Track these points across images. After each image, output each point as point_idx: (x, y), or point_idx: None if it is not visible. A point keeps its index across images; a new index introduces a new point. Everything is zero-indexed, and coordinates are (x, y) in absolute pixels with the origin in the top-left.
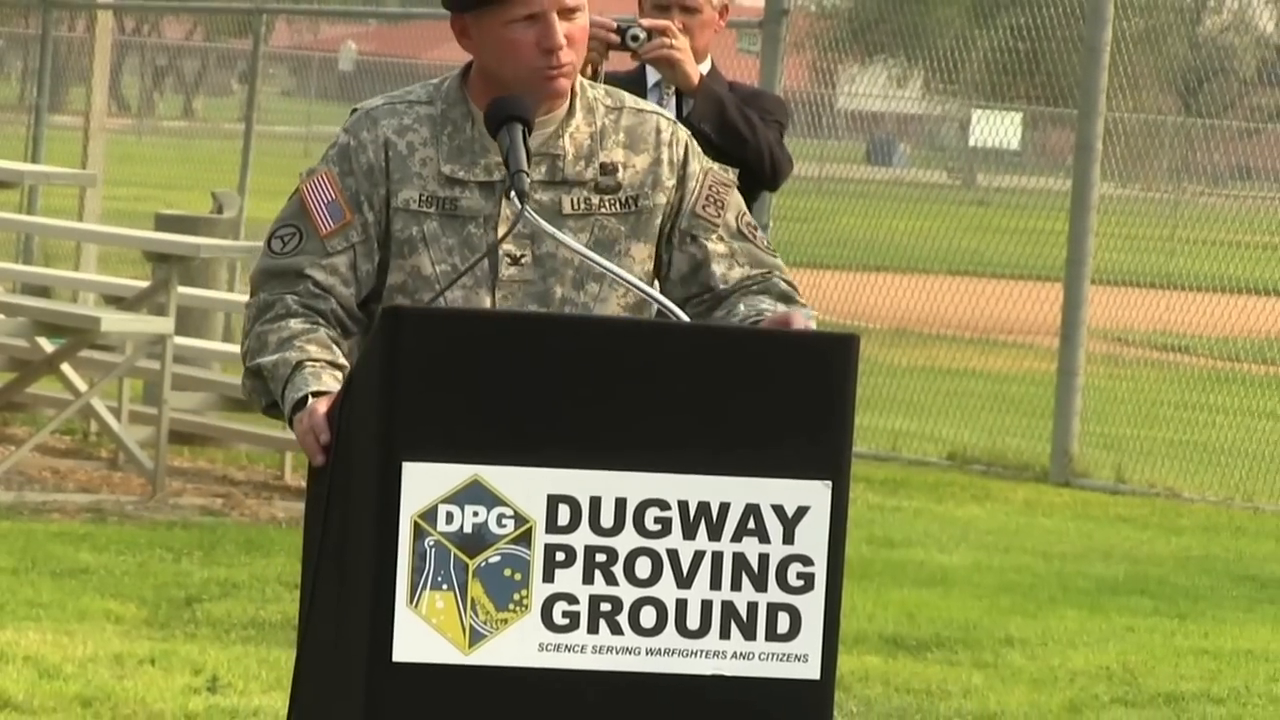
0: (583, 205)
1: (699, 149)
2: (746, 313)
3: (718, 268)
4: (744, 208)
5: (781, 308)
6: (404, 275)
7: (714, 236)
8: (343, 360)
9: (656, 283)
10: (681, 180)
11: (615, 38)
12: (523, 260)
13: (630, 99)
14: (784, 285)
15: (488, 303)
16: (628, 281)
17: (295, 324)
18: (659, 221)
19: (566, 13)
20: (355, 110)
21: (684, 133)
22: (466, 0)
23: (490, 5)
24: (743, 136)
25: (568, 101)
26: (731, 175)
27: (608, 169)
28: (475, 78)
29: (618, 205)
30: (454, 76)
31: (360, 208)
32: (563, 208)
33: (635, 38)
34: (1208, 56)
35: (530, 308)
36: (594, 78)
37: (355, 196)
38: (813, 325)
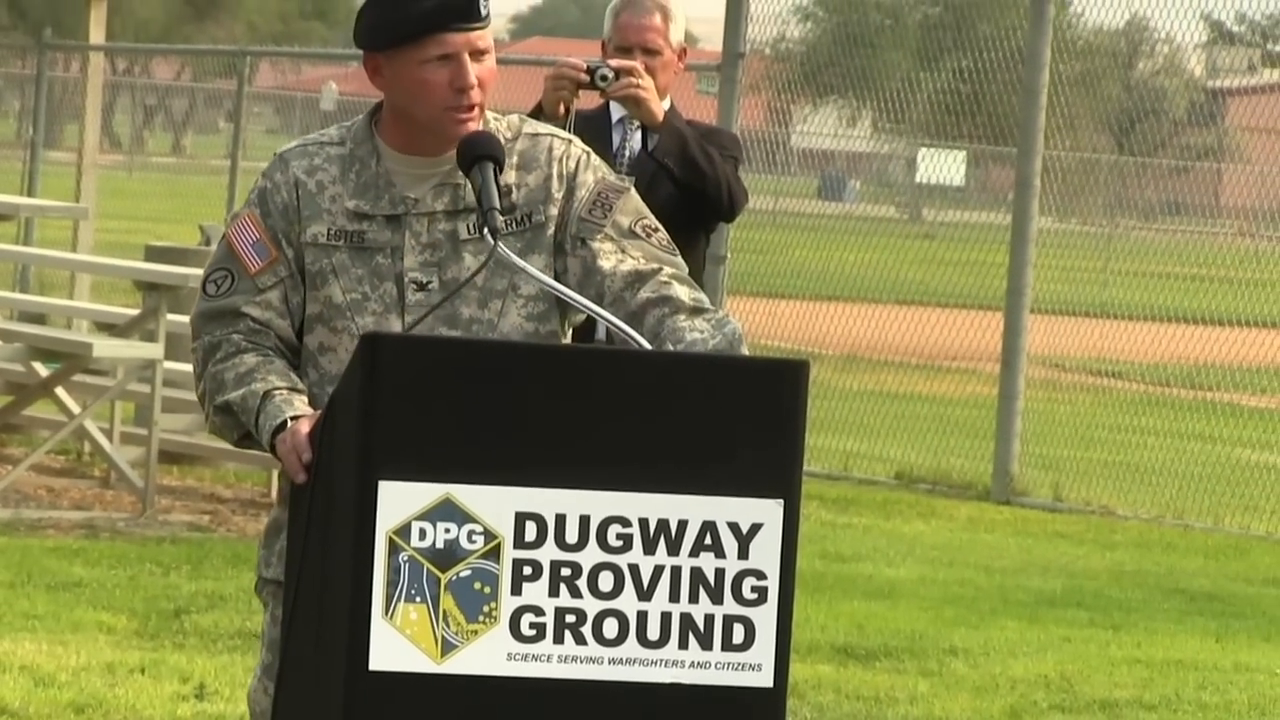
0: (477, 229)
1: (599, 164)
2: (675, 343)
3: (605, 263)
4: (644, 213)
5: (702, 324)
6: (319, 306)
7: (599, 236)
8: (301, 385)
9: (553, 296)
10: (571, 191)
11: (585, 77)
12: (430, 286)
13: (529, 126)
14: (688, 296)
15: (398, 327)
16: (586, 307)
17: (249, 359)
18: (551, 232)
19: (477, 54)
20: (274, 155)
21: (579, 149)
22: (380, 39)
23: (404, 44)
24: (702, 170)
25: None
26: (627, 183)
27: (502, 191)
28: (386, 116)
29: (513, 224)
30: (363, 117)
31: (281, 245)
32: (458, 234)
33: (604, 77)
34: (1140, 99)
35: (440, 330)
36: (565, 114)
37: (276, 235)
38: (742, 348)
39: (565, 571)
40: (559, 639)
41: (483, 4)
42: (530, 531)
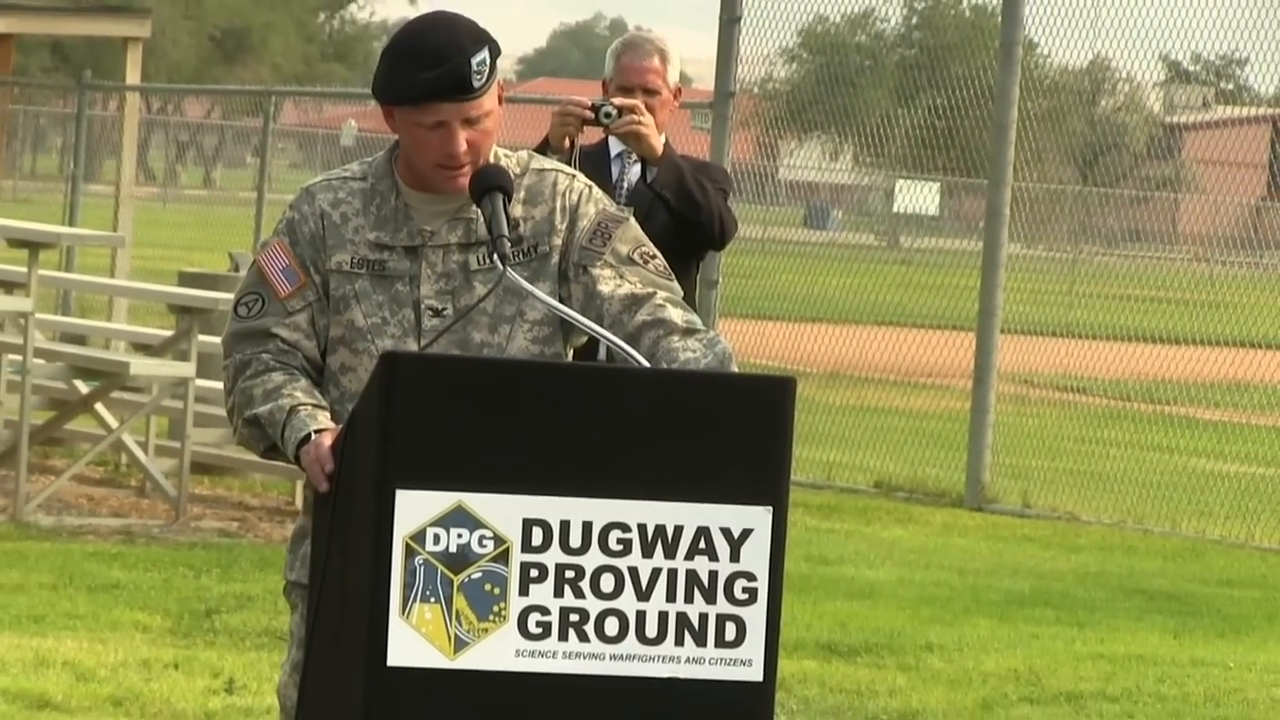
0: (486, 261)
1: (600, 197)
2: (670, 362)
3: (604, 288)
4: (642, 241)
5: (694, 344)
6: (341, 329)
7: (599, 263)
8: (324, 402)
9: (558, 321)
10: (573, 221)
11: (590, 114)
12: (444, 312)
13: (536, 162)
14: (681, 318)
15: (414, 350)
16: (587, 327)
17: (276, 376)
18: (555, 261)
19: (470, 121)
20: (301, 188)
21: (582, 183)
22: (385, 96)
23: (403, 106)
24: (697, 202)
25: None
26: (626, 213)
27: (511, 223)
28: (401, 155)
29: (520, 254)
30: (384, 153)
31: (310, 271)
32: (469, 265)
33: (608, 114)
34: (1103, 133)
35: (453, 351)
36: (570, 149)
37: (304, 262)
38: (732, 365)
39: (569, 574)
40: (564, 637)
41: (475, 79)
42: (537, 537)
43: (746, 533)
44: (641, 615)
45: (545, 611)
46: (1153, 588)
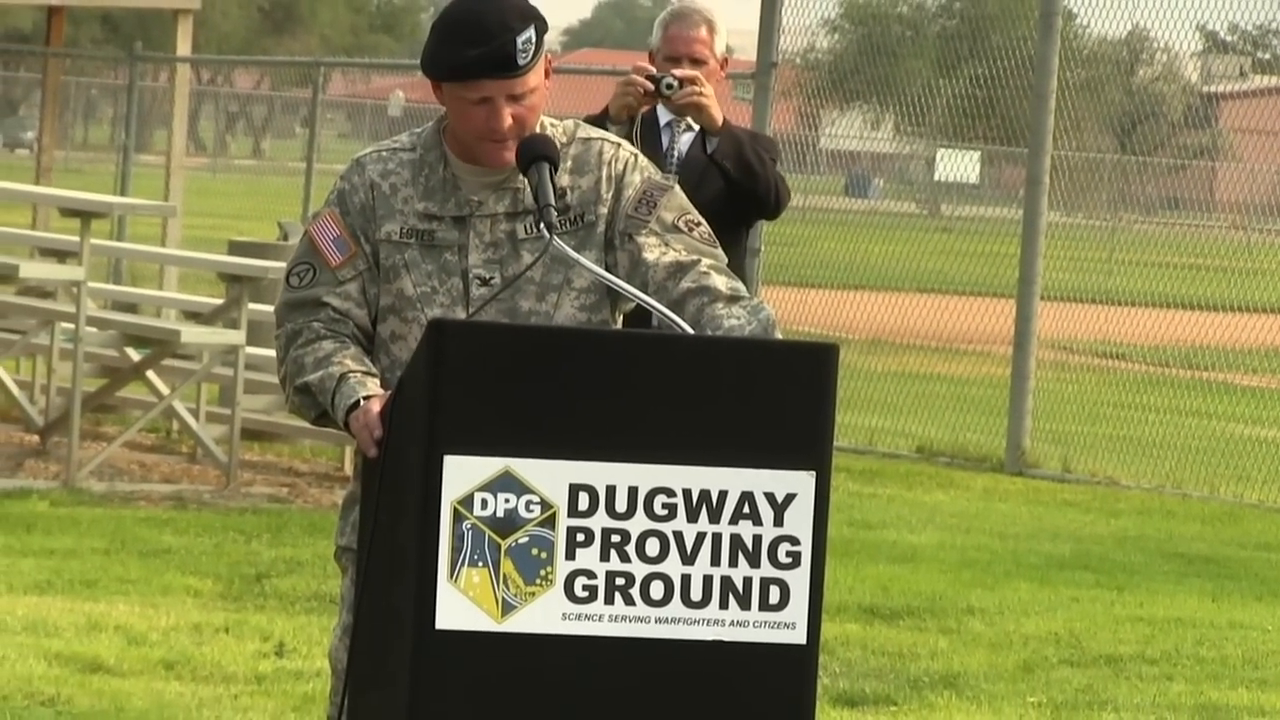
0: (534, 229)
1: (646, 165)
2: (714, 329)
3: (649, 255)
4: (687, 209)
5: (739, 311)
6: (391, 298)
7: (645, 231)
8: (374, 369)
9: (605, 289)
10: (619, 191)
11: (651, 85)
12: (492, 281)
13: (582, 131)
14: (725, 285)
15: (463, 318)
16: (631, 293)
17: (327, 345)
18: (602, 230)
19: (515, 98)
20: (351, 159)
21: (627, 152)
22: (433, 71)
23: (450, 82)
24: (755, 172)
25: None
26: (671, 180)
27: (558, 192)
28: (449, 126)
29: (567, 223)
30: (433, 124)
31: (360, 241)
32: (517, 234)
33: (669, 86)
34: (1141, 103)
35: (501, 320)
36: (631, 121)
37: (355, 232)
38: (776, 332)
39: (615, 538)
40: (610, 600)
41: (521, 56)
42: (583, 501)
43: (790, 497)
44: (686, 579)
45: (591, 575)
46: (1191, 551)
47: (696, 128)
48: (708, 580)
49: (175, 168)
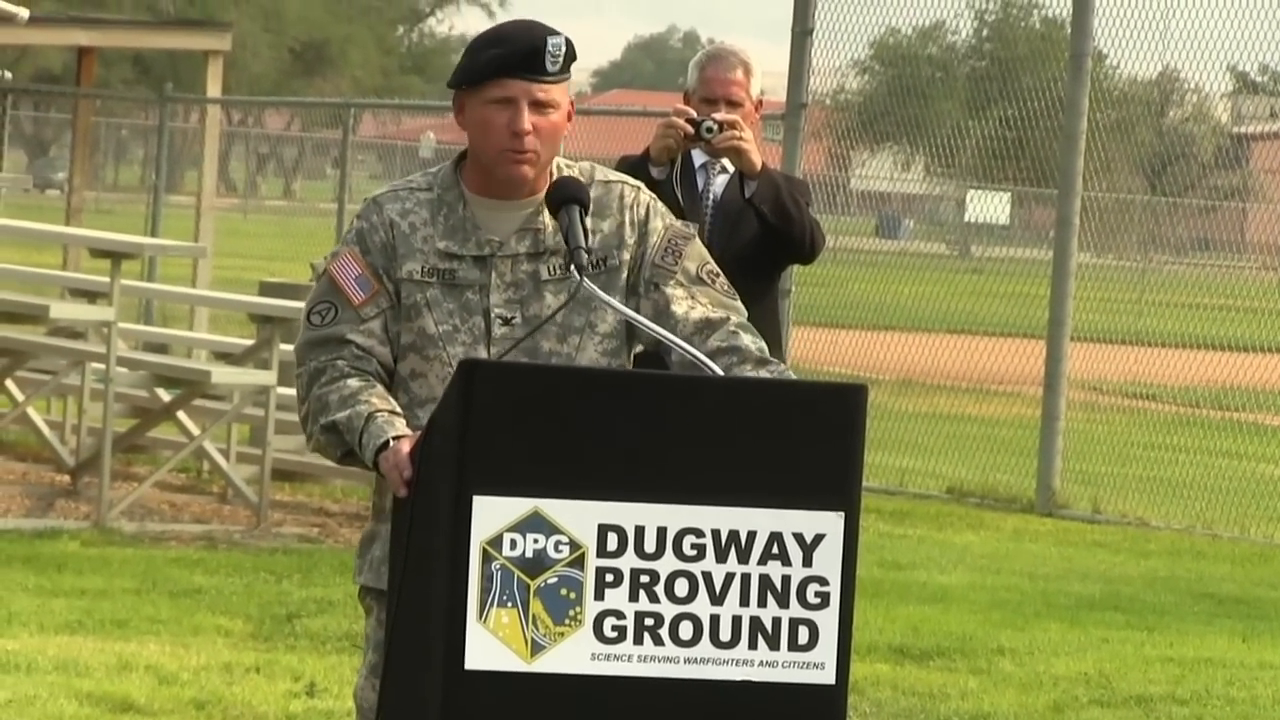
0: (558, 270)
1: (664, 210)
2: None
3: (677, 309)
4: (706, 258)
5: (765, 376)
6: (412, 336)
7: (672, 282)
8: (399, 409)
9: (626, 333)
10: (643, 236)
11: (691, 129)
12: (513, 321)
13: (600, 173)
14: (754, 346)
15: (484, 357)
16: (664, 336)
17: (352, 383)
18: (625, 275)
19: (539, 105)
20: (366, 200)
21: (647, 196)
22: (460, 78)
23: (476, 84)
24: (791, 217)
25: (547, 185)
26: (692, 229)
27: (587, 236)
28: (468, 163)
29: (590, 266)
30: (449, 164)
31: (383, 279)
32: (540, 275)
33: (710, 129)
34: (1171, 143)
35: (522, 360)
36: (672, 163)
37: (377, 270)
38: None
39: (644, 578)
40: (639, 640)
41: (549, 61)
42: (612, 542)
43: (819, 538)
44: (715, 619)
45: (620, 616)
46: (1221, 592)
47: (731, 170)
48: (737, 621)
49: (206, 208)
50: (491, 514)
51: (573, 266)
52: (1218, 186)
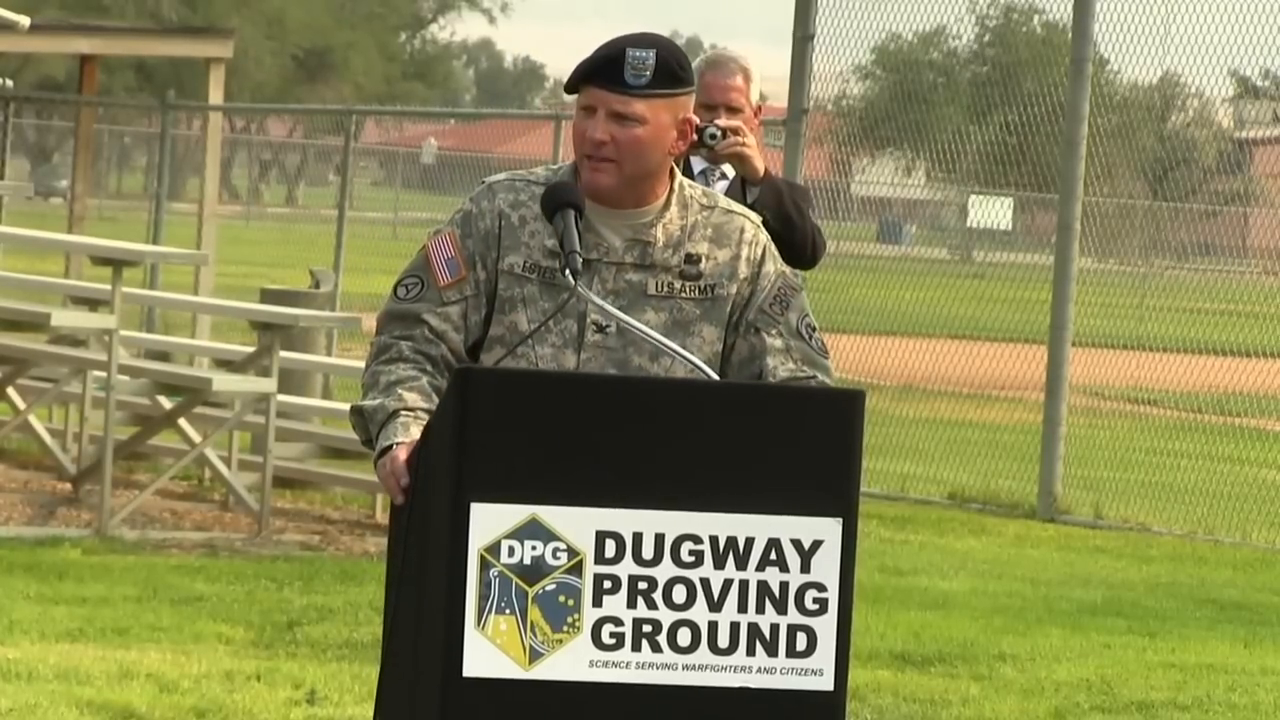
0: (665, 288)
1: (776, 253)
2: None
3: (771, 360)
4: (807, 311)
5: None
6: (503, 329)
7: (774, 332)
8: (433, 406)
9: (719, 363)
10: (755, 277)
11: (694, 135)
12: (608, 329)
13: (724, 201)
14: None
15: (573, 362)
16: (655, 340)
17: (402, 369)
18: (729, 309)
19: (618, 117)
20: (483, 183)
21: (764, 236)
22: (568, 84)
23: (570, 91)
24: (794, 223)
25: (665, 195)
26: (800, 279)
27: (692, 259)
28: None
29: (697, 291)
30: (571, 163)
31: (475, 266)
32: (647, 289)
33: (713, 136)
34: (1173, 148)
35: (609, 371)
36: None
37: (472, 256)
38: None
39: (642, 585)
40: (637, 647)
41: (629, 73)
42: (610, 549)
43: (817, 544)
44: (713, 626)
45: (618, 622)
46: (1223, 598)
47: (732, 175)
48: (735, 627)
49: (208, 215)
50: (489, 521)
51: (567, 271)
52: (1219, 191)
